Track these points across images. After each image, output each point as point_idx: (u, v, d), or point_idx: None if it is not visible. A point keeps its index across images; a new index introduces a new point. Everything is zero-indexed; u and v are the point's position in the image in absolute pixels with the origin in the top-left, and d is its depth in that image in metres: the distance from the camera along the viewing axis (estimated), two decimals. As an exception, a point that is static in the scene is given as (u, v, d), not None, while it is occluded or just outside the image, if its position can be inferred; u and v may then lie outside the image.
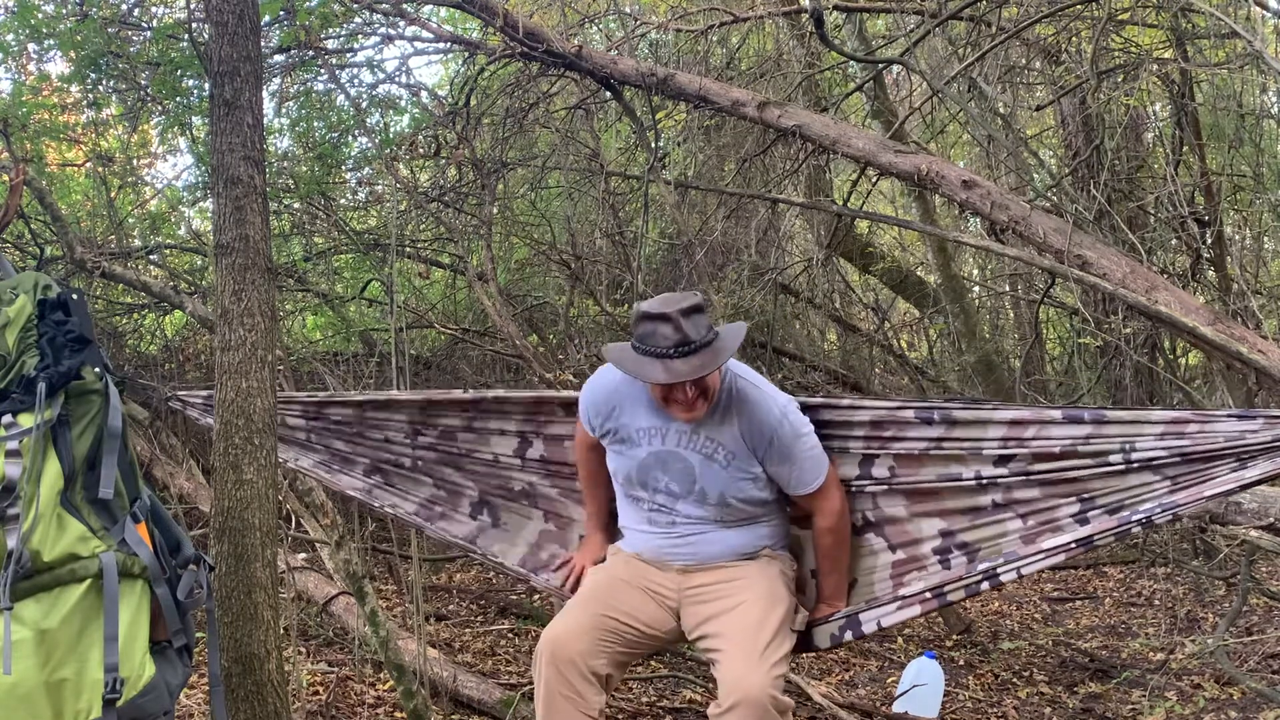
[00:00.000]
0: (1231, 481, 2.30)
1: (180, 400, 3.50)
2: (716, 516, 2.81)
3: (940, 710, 3.93)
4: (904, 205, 9.67)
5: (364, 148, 6.03)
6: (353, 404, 3.34)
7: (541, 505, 3.27)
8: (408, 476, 3.35)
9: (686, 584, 2.83)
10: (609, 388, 2.85)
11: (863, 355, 9.19)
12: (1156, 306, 3.66)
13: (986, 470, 2.65)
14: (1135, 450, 2.43)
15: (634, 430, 2.81)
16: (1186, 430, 2.36)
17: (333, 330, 7.35)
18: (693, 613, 2.80)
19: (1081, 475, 2.53)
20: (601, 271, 7.22)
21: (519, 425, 3.21)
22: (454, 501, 3.32)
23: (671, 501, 2.82)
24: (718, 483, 2.77)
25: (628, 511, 2.95)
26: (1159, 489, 2.42)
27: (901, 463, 2.77)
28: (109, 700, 1.96)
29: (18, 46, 4.62)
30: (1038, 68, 6.59)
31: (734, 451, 2.75)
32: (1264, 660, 4.46)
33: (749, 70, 6.59)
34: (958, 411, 2.65)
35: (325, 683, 4.14)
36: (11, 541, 1.91)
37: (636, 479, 2.84)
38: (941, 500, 2.74)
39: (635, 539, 2.93)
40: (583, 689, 2.67)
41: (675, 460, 2.79)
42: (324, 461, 3.41)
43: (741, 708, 2.54)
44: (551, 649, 2.69)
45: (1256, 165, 5.45)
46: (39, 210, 5.85)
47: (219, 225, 2.81)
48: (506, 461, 3.24)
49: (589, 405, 2.90)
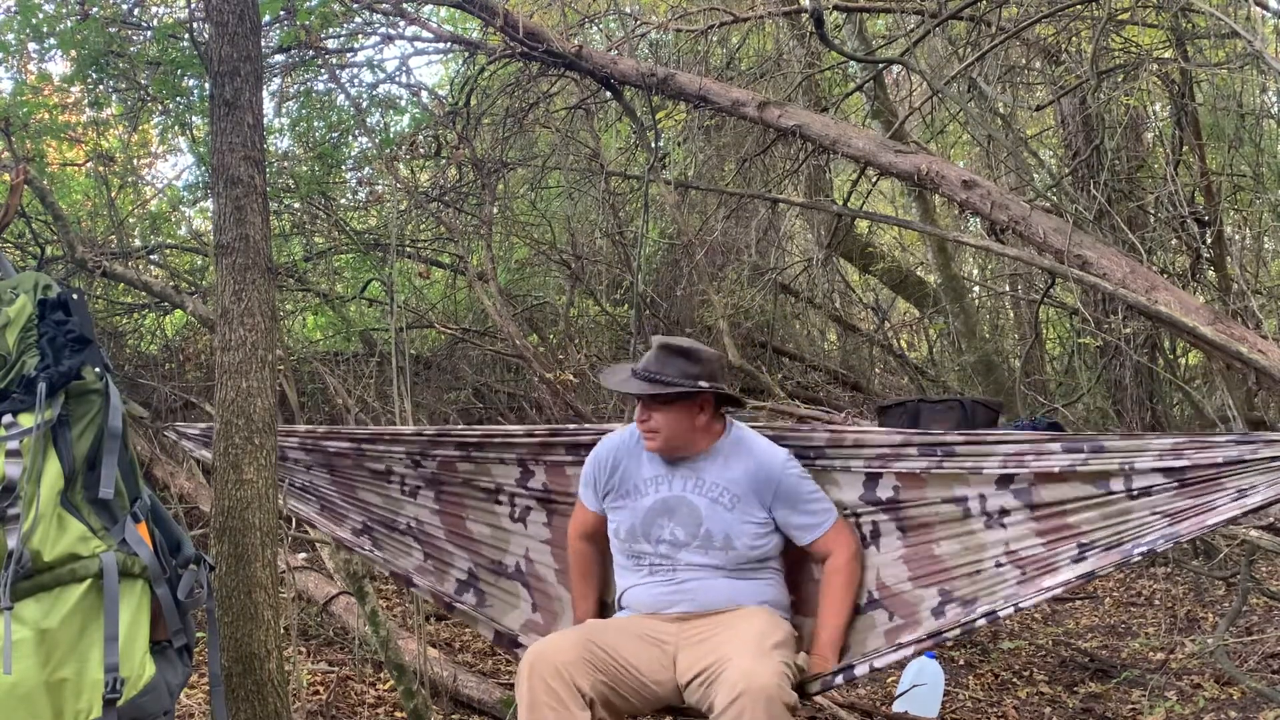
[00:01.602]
0: (1234, 509, 2.29)
1: (177, 432, 3.47)
2: (721, 563, 2.80)
3: (940, 710, 3.93)
4: (904, 205, 9.67)
5: (364, 148, 6.03)
6: (350, 439, 3.29)
7: (533, 588, 3.21)
8: (398, 542, 3.29)
9: (684, 630, 2.78)
10: (612, 445, 2.97)
11: (863, 355, 9.20)
12: (1156, 306, 3.66)
13: (990, 493, 2.64)
14: (1135, 473, 2.42)
15: (639, 480, 2.90)
16: (1185, 453, 2.35)
17: (333, 330, 7.36)
18: (689, 654, 2.73)
19: (1082, 515, 2.52)
20: (601, 271, 7.23)
21: (520, 454, 3.19)
22: (440, 576, 3.26)
23: (674, 551, 2.83)
24: (723, 524, 2.80)
25: (627, 574, 2.92)
26: (1158, 525, 2.40)
27: (905, 481, 2.76)
28: (109, 700, 1.96)
29: (18, 46, 4.62)
30: (1038, 68, 6.59)
31: (739, 495, 2.81)
32: (1264, 660, 4.45)
33: (749, 70, 6.59)
34: (959, 447, 2.66)
35: (325, 683, 4.14)
36: (12, 541, 1.91)
37: (640, 530, 2.86)
38: (942, 563, 2.73)
39: (634, 595, 2.88)
40: (567, 699, 2.59)
41: (681, 505, 2.83)
42: (318, 511, 3.37)
43: (747, 696, 2.47)
44: (535, 658, 2.64)
45: (1256, 165, 5.45)
46: (40, 210, 5.85)
47: (219, 225, 2.81)
48: (503, 512, 3.21)
49: (593, 465, 2.96)
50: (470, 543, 3.27)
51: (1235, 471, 2.31)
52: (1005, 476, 2.62)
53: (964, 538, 2.71)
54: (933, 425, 3.13)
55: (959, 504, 2.70)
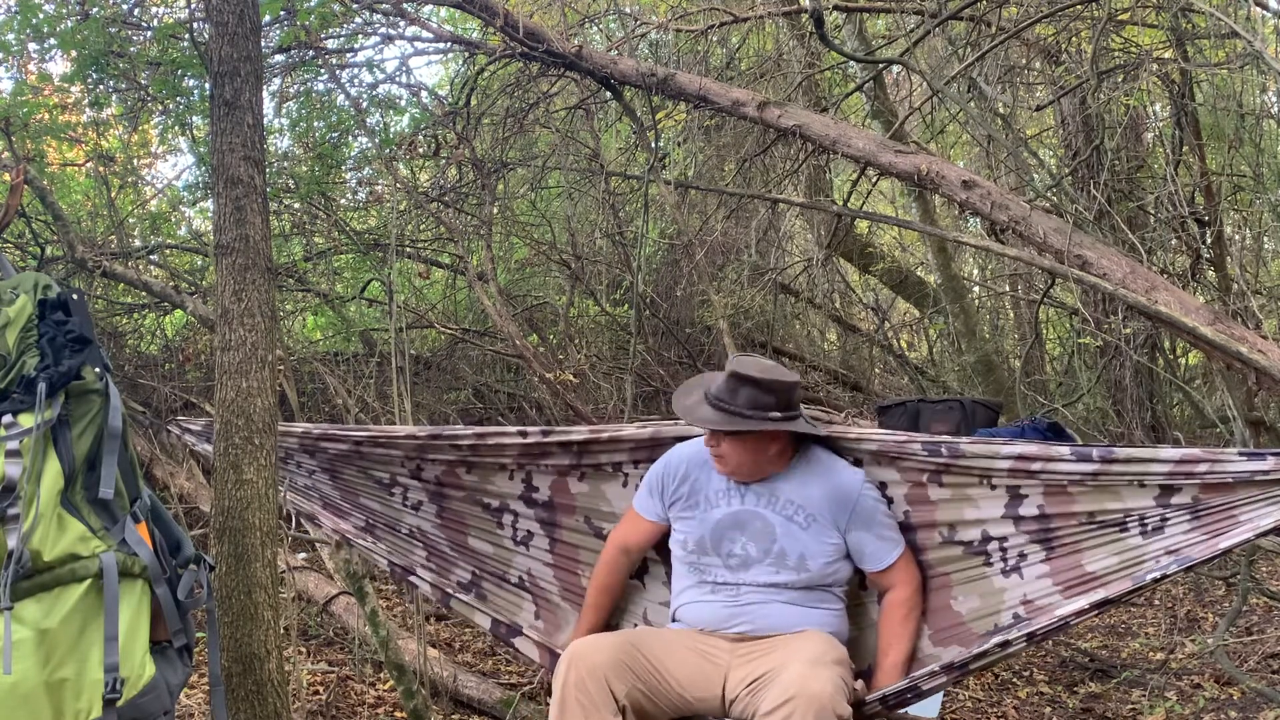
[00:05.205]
0: (1247, 531, 2.26)
1: (180, 426, 3.47)
2: (790, 582, 2.74)
3: (940, 710, 3.93)
4: (904, 205, 9.67)
5: (364, 148, 6.03)
6: (350, 440, 3.25)
7: (538, 597, 3.18)
8: (403, 542, 3.27)
9: (739, 649, 2.72)
10: (684, 455, 2.89)
11: (863, 355, 9.20)
12: (1156, 306, 3.66)
13: (999, 518, 2.61)
14: (1146, 482, 2.39)
15: (710, 492, 2.82)
16: (1196, 470, 2.31)
17: (333, 330, 7.36)
18: (741, 670, 2.66)
19: (1093, 547, 2.50)
20: (601, 271, 7.23)
21: (519, 460, 3.13)
22: (442, 574, 3.24)
23: (743, 568, 2.77)
24: (798, 544, 2.74)
25: (687, 589, 2.84)
26: (1167, 560, 2.38)
27: (913, 489, 2.73)
28: (109, 700, 1.96)
29: (18, 46, 4.62)
30: (1038, 68, 6.59)
31: (814, 515, 2.75)
32: (1264, 660, 4.45)
33: (749, 70, 6.59)
34: (965, 445, 2.62)
35: (325, 683, 4.14)
36: (12, 541, 1.91)
37: (710, 542, 2.79)
38: (961, 619, 2.70)
39: (692, 611, 2.81)
40: (599, 701, 2.56)
41: (755, 520, 2.77)
42: (320, 508, 3.36)
43: (800, 700, 2.39)
44: (573, 656, 2.63)
45: (1256, 165, 5.44)
46: (40, 210, 5.86)
47: (219, 225, 2.81)
48: (505, 535, 3.18)
49: (661, 471, 2.89)
50: (474, 555, 3.25)
51: (1247, 489, 2.27)
52: (1013, 487, 2.59)
53: (974, 571, 2.70)
54: (933, 425, 3.13)
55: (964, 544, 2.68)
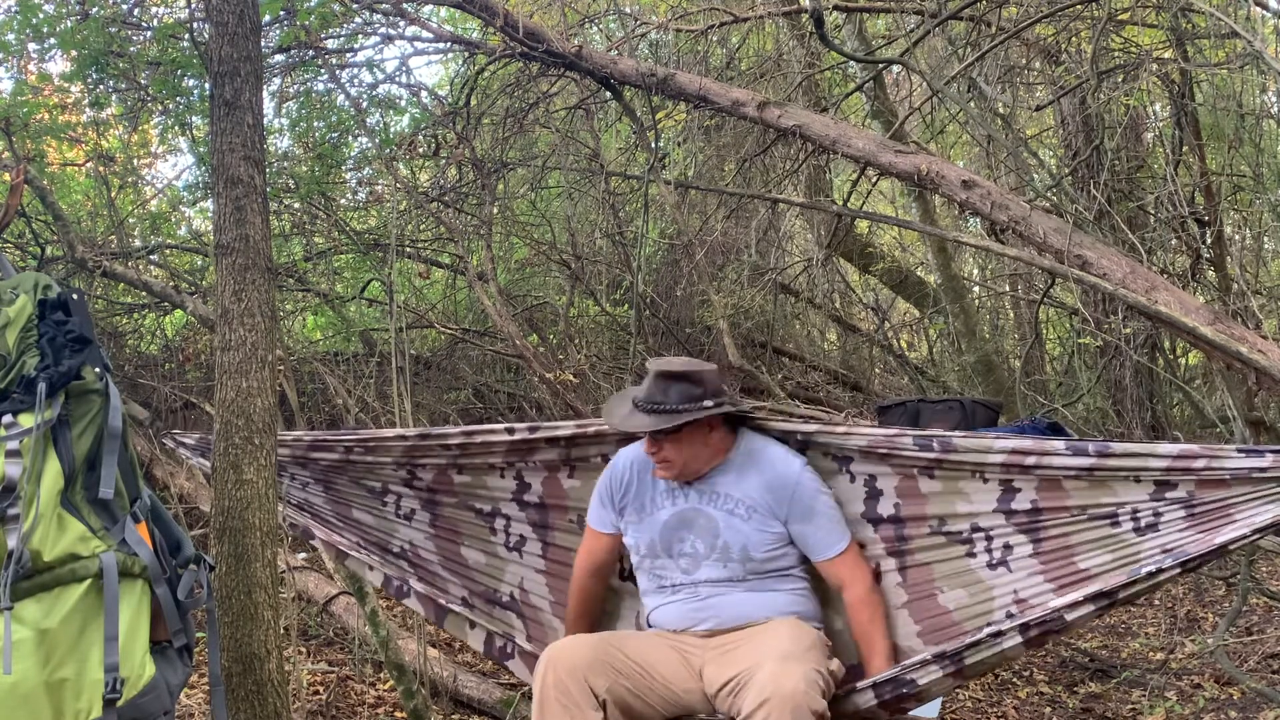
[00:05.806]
0: (1243, 528, 2.26)
1: (174, 440, 3.47)
2: (740, 575, 2.79)
3: (940, 710, 3.93)
4: (904, 205, 9.67)
5: (364, 148, 6.03)
6: (340, 446, 3.24)
7: (527, 619, 3.19)
8: (393, 564, 3.25)
9: (711, 644, 2.77)
10: (625, 462, 2.94)
11: (863, 355, 9.20)
12: (1156, 306, 3.66)
13: (991, 511, 2.61)
14: (1142, 477, 2.39)
15: (655, 494, 2.88)
16: (1194, 466, 2.32)
17: (333, 330, 7.36)
18: (715, 667, 2.71)
19: (1084, 542, 2.50)
20: (601, 271, 7.23)
21: (509, 459, 3.14)
22: (436, 593, 3.21)
23: (694, 566, 2.81)
24: (740, 535, 2.78)
25: (651, 596, 2.90)
26: (1161, 557, 2.37)
27: (904, 481, 2.73)
28: (109, 700, 1.96)
29: (18, 46, 4.62)
30: (1038, 68, 6.59)
31: (754, 507, 2.79)
32: (1264, 660, 4.45)
33: (749, 70, 6.59)
34: (958, 439, 2.61)
35: (325, 683, 4.14)
36: (12, 541, 1.91)
37: (660, 545, 2.84)
38: (950, 616, 2.70)
39: (661, 615, 2.87)
40: (579, 698, 2.59)
41: (699, 516, 2.82)
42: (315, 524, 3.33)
43: (774, 701, 2.42)
44: (551, 657, 2.65)
45: (1256, 165, 5.44)
46: (40, 210, 5.86)
47: (219, 225, 2.81)
48: (498, 541, 3.19)
49: (607, 481, 2.93)
50: (465, 570, 3.24)
51: (1245, 487, 2.27)
52: (1006, 480, 2.59)
53: (966, 574, 2.69)
54: (933, 425, 3.11)
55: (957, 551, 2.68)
